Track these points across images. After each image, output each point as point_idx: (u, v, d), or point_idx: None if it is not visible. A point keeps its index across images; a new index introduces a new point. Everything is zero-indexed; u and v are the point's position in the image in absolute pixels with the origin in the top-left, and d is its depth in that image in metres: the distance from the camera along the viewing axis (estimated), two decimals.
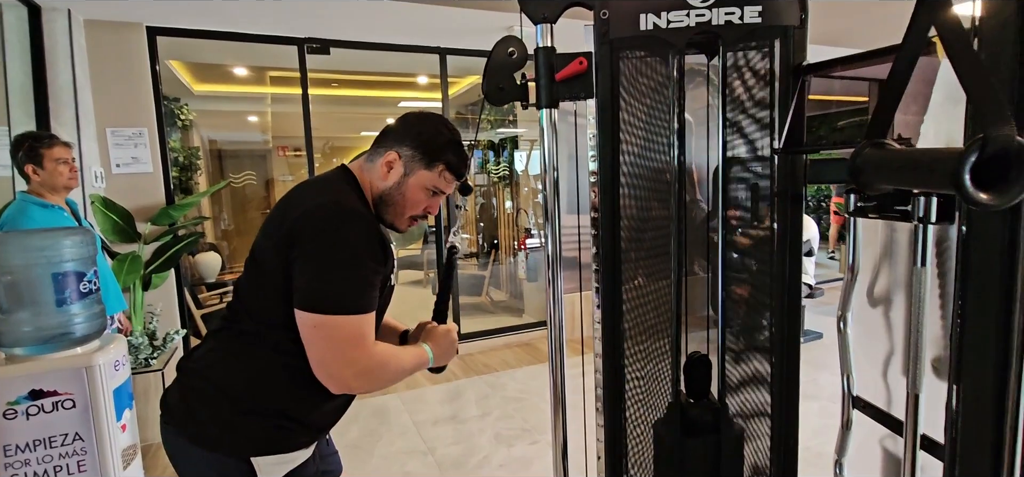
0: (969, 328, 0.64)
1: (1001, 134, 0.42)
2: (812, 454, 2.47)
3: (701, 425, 1.11)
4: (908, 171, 0.58)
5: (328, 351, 0.90)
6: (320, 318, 0.89)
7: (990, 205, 0.43)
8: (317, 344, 0.90)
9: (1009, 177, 0.43)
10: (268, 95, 6.07)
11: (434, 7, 3.17)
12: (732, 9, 1.01)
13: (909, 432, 0.93)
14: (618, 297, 1.13)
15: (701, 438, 1.10)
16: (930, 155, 0.52)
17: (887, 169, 0.61)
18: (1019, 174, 0.42)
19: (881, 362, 1.16)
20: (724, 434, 1.11)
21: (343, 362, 0.91)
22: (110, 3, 2.89)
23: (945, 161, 0.46)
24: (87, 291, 1.52)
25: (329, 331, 0.89)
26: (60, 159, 2.13)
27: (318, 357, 0.91)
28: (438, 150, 1.04)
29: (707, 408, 1.12)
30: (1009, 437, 0.71)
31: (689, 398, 1.15)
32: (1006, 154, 0.42)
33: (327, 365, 0.91)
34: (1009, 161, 0.43)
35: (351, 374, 0.92)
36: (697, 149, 1.21)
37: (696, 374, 1.15)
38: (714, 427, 1.11)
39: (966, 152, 0.43)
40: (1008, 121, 0.43)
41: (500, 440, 2.81)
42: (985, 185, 0.43)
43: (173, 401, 1.00)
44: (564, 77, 1.12)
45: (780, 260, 1.11)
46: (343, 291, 0.89)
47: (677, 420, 1.09)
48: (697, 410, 1.12)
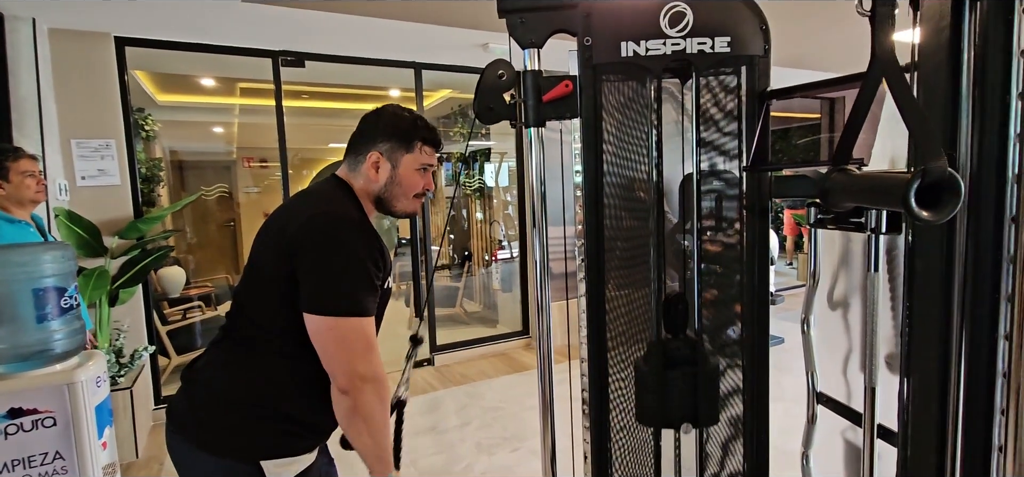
0: (915, 326, 0.73)
1: (936, 166, 0.52)
2: (779, 453, 2.59)
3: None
4: (867, 193, 0.68)
5: (340, 351, 0.95)
6: (331, 320, 0.93)
7: (930, 221, 0.52)
8: (331, 346, 0.95)
9: (943, 198, 0.52)
10: (235, 106, 5.96)
11: (410, 23, 3.22)
12: (704, 39, 1.11)
13: (867, 422, 1.03)
14: (602, 304, 1.20)
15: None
16: (885, 181, 0.62)
17: (850, 192, 0.71)
18: (951, 197, 0.52)
19: (841, 360, 1.27)
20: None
21: (360, 360, 0.95)
22: (77, 13, 2.83)
23: (896, 186, 0.55)
24: (68, 306, 1.50)
25: (340, 332, 0.94)
26: (26, 172, 2.07)
27: (333, 358, 0.95)
28: (410, 132, 1.13)
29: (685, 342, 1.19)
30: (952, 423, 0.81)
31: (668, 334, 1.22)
32: (941, 181, 0.52)
33: (342, 364, 0.95)
34: (943, 187, 0.52)
35: (361, 374, 0.96)
36: (674, 165, 1.30)
37: (675, 311, 1.22)
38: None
39: (911, 180, 0.53)
40: (942, 156, 0.52)
41: (481, 448, 2.85)
42: (926, 205, 0.53)
43: (180, 409, 1.02)
44: (550, 99, 1.19)
45: (749, 270, 1.20)
46: (350, 293, 0.94)
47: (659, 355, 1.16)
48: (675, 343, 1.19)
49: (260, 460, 0.96)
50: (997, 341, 0.58)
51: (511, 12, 1.16)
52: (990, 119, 0.56)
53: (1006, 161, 0.54)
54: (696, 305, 1.23)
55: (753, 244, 1.20)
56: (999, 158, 0.55)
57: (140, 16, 2.92)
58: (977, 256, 0.61)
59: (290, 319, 0.96)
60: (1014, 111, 0.51)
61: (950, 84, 0.60)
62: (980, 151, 0.58)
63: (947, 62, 0.60)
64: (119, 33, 3.16)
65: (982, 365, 0.61)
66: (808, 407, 1.28)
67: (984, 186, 0.58)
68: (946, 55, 0.59)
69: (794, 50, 4.07)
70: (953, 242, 0.65)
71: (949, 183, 0.51)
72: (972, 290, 0.61)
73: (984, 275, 0.59)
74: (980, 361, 0.61)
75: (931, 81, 0.62)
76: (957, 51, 0.59)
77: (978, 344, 0.61)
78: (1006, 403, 0.59)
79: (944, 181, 0.51)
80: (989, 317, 0.59)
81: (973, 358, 0.63)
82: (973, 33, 0.58)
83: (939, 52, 0.60)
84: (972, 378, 0.64)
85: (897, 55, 0.67)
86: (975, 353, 0.62)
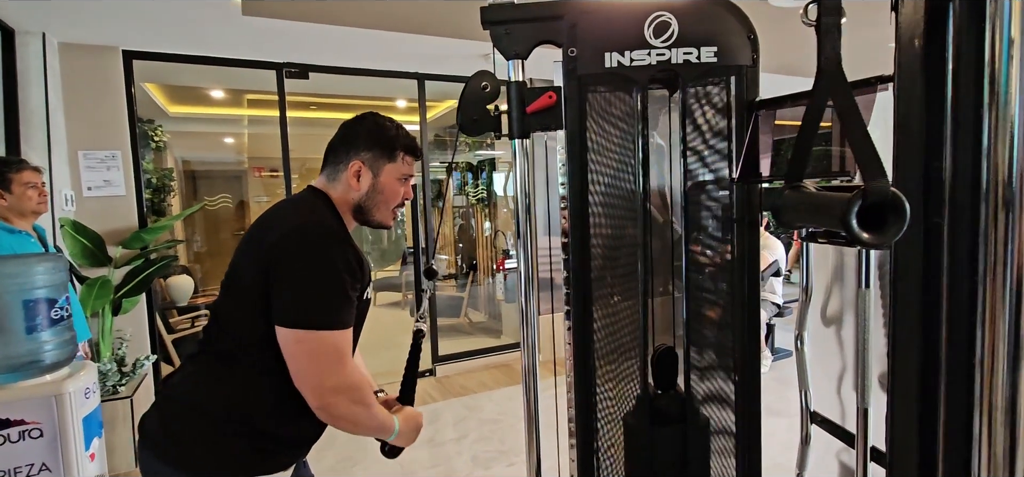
0: (897, 346, 0.70)
1: (878, 186, 0.49)
2: (782, 470, 2.53)
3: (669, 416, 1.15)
4: (812, 212, 0.65)
5: (312, 365, 0.93)
6: (302, 333, 0.92)
7: (872, 244, 0.50)
8: (301, 359, 0.93)
9: (887, 220, 0.50)
10: (244, 117, 6.04)
11: (412, 35, 3.24)
12: (690, 49, 1.09)
13: (860, 445, 0.99)
14: (589, 318, 1.18)
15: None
16: (828, 200, 0.59)
17: (797, 210, 0.69)
18: (896, 218, 0.49)
19: (835, 378, 1.23)
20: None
21: (328, 375, 0.94)
22: (87, 27, 2.88)
23: (837, 206, 0.53)
24: (58, 318, 1.50)
25: (311, 346, 0.92)
26: (29, 183, 2.10)
27: (302, 371, 0.94)
28: (393, 141, 1.12)
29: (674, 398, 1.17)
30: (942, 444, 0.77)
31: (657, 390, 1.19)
32: (884, 201, 0.49)
33: (311, 378, 0.94)
34: (887, 208, 0.49)
35: (334, 386, 0.95)
36: (664, 175, 1.28)
37: (664, 365, 1.20)
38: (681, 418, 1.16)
39: (852, 200, 0.51)
40: (883, 175, 0.50)
41: (477, 462, 2.81)
42: (871, 226, 0.50)
43: (152, 426, 1.00)
44: (535, 110, 1.18)
45: (739, 283, 1.17)
46: (323, 307, 0.93)
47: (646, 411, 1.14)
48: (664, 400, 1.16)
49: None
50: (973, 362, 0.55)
51: (495, 23, 1.16)
52: (963, 131, 0.53)
53: (980, 173, 0.52)
54: (685, 316, 1.20)
55: (743, 256, 1.17)
56: (973, 171, 0.53)
57: (147, 30, 2.97)
58: (954, 273, 0.58)
59: (267, 333, 0.94)
60: (987, 123, 0.49)
61: (926, 95, 0.57)
62: (954, 164, 0.55)
63: (922, 73, 0.57)
64: (127, 47, 3.21)
65: (960, 386, 0.58)
66: (801, 427, 1.24)
67: (959, 200, 0.55)
68: (921, 65, 0.57)
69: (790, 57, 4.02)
70: (935, 259, 0.62)
71: (892, 202, 0.49)
72: (948, 310, 0.58)
73: (961, 294, 0.56)
74: (958, 382, 0.58)
75: (908, 92, 0.60)
76: (934, 62, 0.57)
77: (956, 366, 0.58)
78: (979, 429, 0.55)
79: (887, 202, 0.49)
80: (966, 338, 0.56)
81: (951, 379, 0.60)
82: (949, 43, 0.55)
83: (914, 63, 0.57)
84: (951, 399, 0.60)
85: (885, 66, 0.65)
86: (953, 374, 0.59)
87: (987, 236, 0.50)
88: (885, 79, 0.81)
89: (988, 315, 0.52)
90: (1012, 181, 0.47)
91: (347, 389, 0.96)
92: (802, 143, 0.69)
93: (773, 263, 4.05)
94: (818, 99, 0.62)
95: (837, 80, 0.57)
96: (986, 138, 0.49)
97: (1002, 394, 0.52)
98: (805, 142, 0.68)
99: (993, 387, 0.52)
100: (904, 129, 0.64)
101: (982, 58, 0.49)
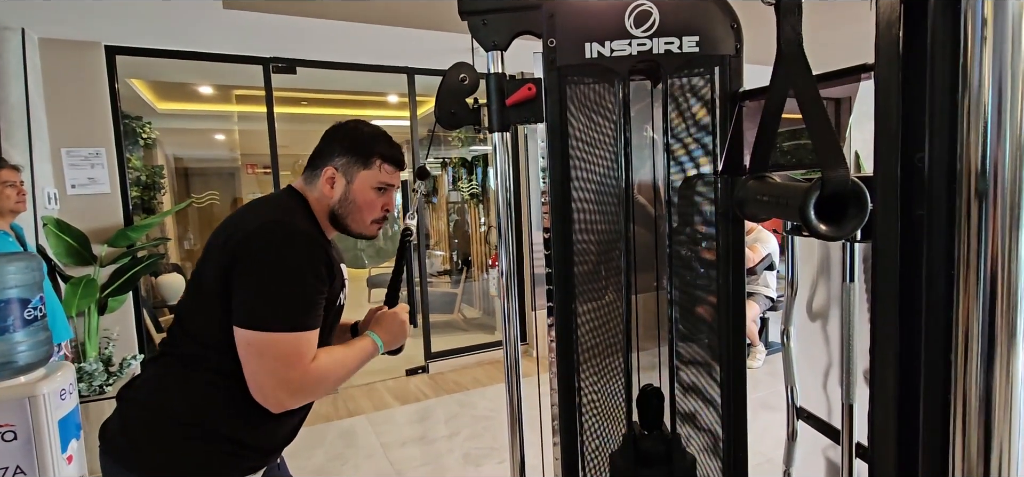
0: (876, 341, 0.68)
1: (836, 175, 0.47)
2: (775, 466, 2.53)
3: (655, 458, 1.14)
4: (773, 204, 0.63)
5: (261, 368, 0.90)
6: (254, 335, 0.88)
7: (829, 236, 0.48)
8: (251, 361, 0.90)
9: (848, 212, 0.47)
10: (235, 113, 5.99)
11: (401, 29, 3.20)
12: (671, 39, 1.06)
13: (845, 441, 0.97)
14: (571, 314, 1.16)
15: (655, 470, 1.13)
16: (788, 191, 0.57)
17: (759, 202, 0.66)
18: (856, 209, 0.47)
19: (821, 374, 1.21)
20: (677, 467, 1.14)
21: (276, 381, 0.90)
22: (67, 23, 2.83)
23: (796, 197, 0.50)
24: (32, 318, 1.47)
25: (263, 348, 0.89)
26: (6, 182, 2.06)
27: (251, 374, 0.91)
28: (368, 146, 1.07)
29: (660, 439, 1.15)
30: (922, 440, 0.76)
31: (643, 431, 1.18)
32: (844, 192, 0.47)
33: (260, 383, 0.91)
34: (848, 198, 0.47)
35: (286, 393, 0.92)
36: (659, 169, 1.25)
37: (649, 406, 1.18)
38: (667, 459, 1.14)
39: (810, 190, 0.48)
40: (843, 165, 0.47)
41: (468, 460, 2.80)
42: (831, 218, 0.48)
43: (113, 431, 0.97)
44: (514, 102, 1.15)
45: (724, 276, 1.15)
46: (280, 308, 0.89)
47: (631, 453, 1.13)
48: (650, 442, 1.15)
49: None
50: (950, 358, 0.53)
51: (473, 14, 1.13)
52: (939, 119, 0.51)
53: (955, 165, 0.49)
54: (670, 314, 1.18)
55: (727, 251, 1.15)
56: (949, 162, 0.50)
57: (129, 25, 2.92)
58: (932, 266, 0.55)
59: (228, 335, 0.91)
60: (962, 110, 0.46)
61: (904, 84, 0.55)
62: (931, 154, 0.53)
63: (898, 59, 0.55)
64: (109, 42, 3.16)
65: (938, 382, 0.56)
66: (788, 423, 1.23)
67: (936, 192, 0.53)
68: (897, 51, 0.54)
69: None
70: (915, 252, 0.60)
71: (853, 193, 0.47)
72: (927, 304, 0.56)
73: (938, 287, 0.54)
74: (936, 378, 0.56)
75: (886, 82, 0.57)
76: (912, 48, 0.54)
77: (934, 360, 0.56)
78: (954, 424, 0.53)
79: (848, 191, 0.46)
80: (943, 332, 0.53)
81: (929, 375, 0.58)
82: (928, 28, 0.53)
83: (891, 48, 0.55)
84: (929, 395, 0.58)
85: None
86: (931, 370, 0.57)
87: (961, 228, 0.48)
88: (869, 68, 0.78)
89: (962, 309, 0.50)
90: (986, 171, 0.45)
91: (301, 390, 0.93)
92: (764, 131, 0.66)
93: (766, 256, 4.03)
94: (778, 84, 0.60)
95: (797, 63, 0.54)
96: (960, 126, 0.47)
97: (976, 389, 0.50)
98: (768, 130, 0.65)
99: (967, 382, 0.50)
100: (883, 119, 0.62)
101: (958, 41, 0.47)
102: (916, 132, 0.62)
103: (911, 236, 0.67)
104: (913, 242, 0.65)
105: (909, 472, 0.76)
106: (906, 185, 0.64)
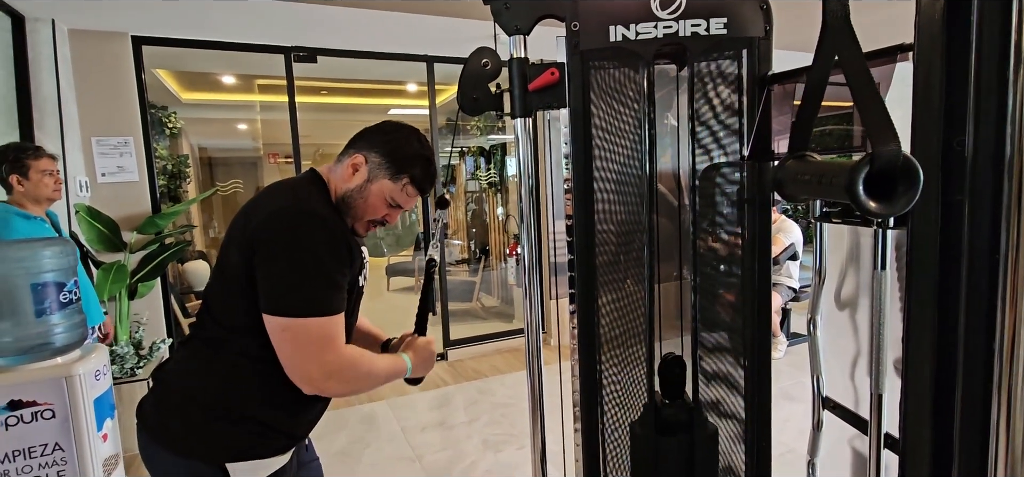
0: (911, 328, 0.66)
1: (887, 150, 0.45)
2: (796, 456, 2.50)
3: (676, 426, 1.13)
4: (816, 182, 0.61)
5: (297, 353, 0.91)
6: (287, 321, 0.90)
7: (880, 213, 0.46)
8: (286, 347, 0.91)
9: (897, 188, 0.46)
10: (257, 103, 6.06)
11: (420, 16, 3.20)
12: (698, 21, 1.04)
13: (873, 431, 0.95)
14: (593, 301, 1.15)
15: (676, 437, 1.12)
16: (833, 169, 0.55)
17: (799, 181, 0.64)
18: (906, 185, 0.45)
19: (849, 363, 1.19)
20: (698, 435, 1.13)
21: (313, 363, 0.92)
22: (95, 13, 2.89)
23: (843, 174, 0.48)
24: (67, 301, 1.52)
25: (297, 333, 0.90)
26: (46, 170, 2.12)
27: (289, 359, 0.92)
28: (406, 162, 1.05)
29: (682, 407, 1.14)
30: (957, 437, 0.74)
31: (664, 399, 1.17)
32: (894, 167, 0.45)
33: (298, 367, 0.92)
34: (896, 174, 0.45)
35: (321, 375, 0.93)
36: (673, 156, 1.23)
37: (671, 375, 1.17)
38: (688, 427, 1.13)
39: (858, 166, 0.46)
40: (894, 138, 0.45)
41: (488, 445, 2.82)
42: (880, 196, 0.46)
43: (148, 409, 1.01)
44: (537, 87, 1.14)
45: (750, 264, 1.13)
46: (308, 293, 0.90)
47: (652, 421, 1.12)
48: (672, 410, 1.14)
49: (226, 463, 0.95)
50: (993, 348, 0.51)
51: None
52: (986, 101, 0.49)
53: (1003, 148, 0.47)
54: (693, 301, 1.17)
55: (754, 238, 1.13)
56: (996, 145, 0.48)
57: (154, 15, 2.97)
58: (973, 253, 0.54)
59: (253, 319, 0.93)
60: (1012, 93, 0.44)
61: (946, 64, 0.53)
62: (976, 137, 0.51)
63: (943, 39, 0.52)
64: (135, 32, 3.22)
65: (978, 373, 0.54)
66: (814, 413, 1.21)
67: (981, 175, 0.51)
68: (941, 31, 0.52)
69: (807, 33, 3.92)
70: (955, 237, 0.58)
71: (903, 168, 0.45)
72: (967, 290, 0.54)
73: (981, 275, 0.52)
74: (976, 369, 0.54)
75: (927, 61, 0.55)
76: (956, 27, 0.52)
77: (974, 350, 0.54)
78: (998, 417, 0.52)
79: (898, 166, 0.44)
80: (985, 321, 0.52)
81: (968, 366, 0.56)
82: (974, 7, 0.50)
83: (934, 27, 0.53)
84: (968, 387, 0.57)
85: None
86: (971, 360, 0.55)
87: (1010, 214, 0.46)
88: (906, 48, 0.75)
89: (1009, 298, 0.48)
90: None
91: (336, 373, 0.94)
92: (806, 108, 0.64)
93: (789, 246, 3.96)
94: (823, 58, 0.58)
95: (843, 35, 0.52)
96: (1010, 110, 0.45)
97: (1022, 381, 0.48)
98: (810, 107, 0.63)
99: (1013, 373, 0.49)
100: (923, 101, 0.60)
101: (1008, 22, 0.44)
102: (956, 115, 0.60)
103: (949, 221, 0.65)
104: (951, 228, 0.63)
105: (943, 463, 0.74)
106: (944, 170, 0.62)
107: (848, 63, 0.51)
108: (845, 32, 0.52)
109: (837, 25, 0.53)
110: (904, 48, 0.75)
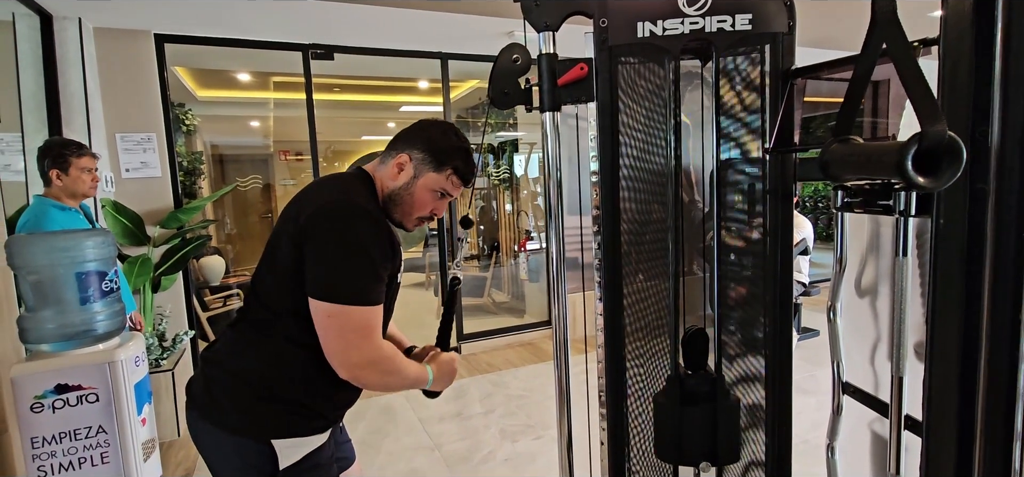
0: (937, 312, 0.70)
1: (934, 130, 0.49)
2: (810, 447, 2.53)
3: (699, 396, 1.17)
4: (865, 163, 0.65)
5: (339, 339, 0.97)
6: (333, 307, 0.95)
7: (928, 187, 0.50)
8: (330, 332, 0.97)
9: (942, 164, 0.50)
10: (271, 100, 6.14)
11: (436, 13, 3.24)
12: (724, 17, 1.07)
13: (894, 413, 0.99)
14: (619, 294, 1.19)
15: (698, 407, 1.16)
16: (882, 149, 0.59)
17: (848, 163, 0.68)
18: (951, 162, 0.49)
19: (869, 349, 1.22)
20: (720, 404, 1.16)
21: (354, 350, 0.97)
22: (120, 11, 2.96)
23: (892, 153, 0.53)
24: (108, 290, 1.58)
25: (342, 320, 0.96)
26: (86, 168, 2.19)
27: (330, 344, 0.98)
28: (448, 154, 1.11)
29: (705, 379, 1.18)
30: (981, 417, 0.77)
31: (687, 371, 1.20)
32: (939, 146, 0.49)
33: (339, 352, 0.98)
34: (941, 152, 0.49)
35: (359, 361, 0.98)
36: (694, 150, 1.27)
37: (694, 348, 1.20)
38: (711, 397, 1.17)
39: (907, 144, 0.50)
40: (941, 119, 0.49)
41: (505, 435, 2.87)
42: (926, 173, 0.50)
43: (197, 389, 1.07)
44: (566, 82, 1.18)
45: (772, 256, 1.17)
46: (354, 283, 0.96)
47: (676, 392, 1.15)
48: (695, 380, 1.18)
49: (272, 439, 1.00)
50: (1019, 330, 0.54)
51: None
52: (1015, 88, 0.52)
53: None
54: (715, 292, 1.20)
55: (776, 230, 1.16)
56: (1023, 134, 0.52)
57: (177, 12, 3.03)
58: (1000, 238, 0.57)
59: (300, 305, 0.98)
60: None
61: (974, 55, 0.56)
62: (1004, 124, 0.55)
63: (971, 29, 0.56)
64: (158, 30, 3.28)
65: (1004, 355, 0.57)
66: (833, 397, 1.24)
67: (1008, 162, 0.55)
68: (969, 23, 0.56)
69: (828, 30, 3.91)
70: (979, 221, 0.62)
71: (949, 148, 0.49)
72: (992, 274, 0.58)
73: (1007, 259, 0.56)
74: (1002, 351, 0.58)
75: (954, 51, 0.59)
76: (983, 18, 0.56)
77: (1000, 332, 0.58)
78: None
79: (943, 144, 0.48)
80: (1011, 304, 0.55)
81: (994, 348, 0.59)
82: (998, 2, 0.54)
83: (962, 19, 0.56)
84: (993, 368, 0.60)
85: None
86: (996, 342, 0.59)
87: None
88: (929, 42, 0.79)
89: None
90: None
91: (374, 363, 1.00)
92: (853, 95, 0.68)
93: (801, 241, 3.98)
94: (870, 49, 0.61)
95: (892, 27, 0.56)
96: None
97: None
98: (856, 94, 0.67)
99: None
100: (950, 93, 0.63)
101: None
102: (980, 106, 0.64)
103: (974, 209, 0.68)
104: (975, 215, 0.67)
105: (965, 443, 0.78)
106: (971, 158, 0.65)
107: (897, 53, 0.55)
108: (894, 24, 0.56)
109: (886, 18, 0.57)
110: (928, 42, 0.78)
